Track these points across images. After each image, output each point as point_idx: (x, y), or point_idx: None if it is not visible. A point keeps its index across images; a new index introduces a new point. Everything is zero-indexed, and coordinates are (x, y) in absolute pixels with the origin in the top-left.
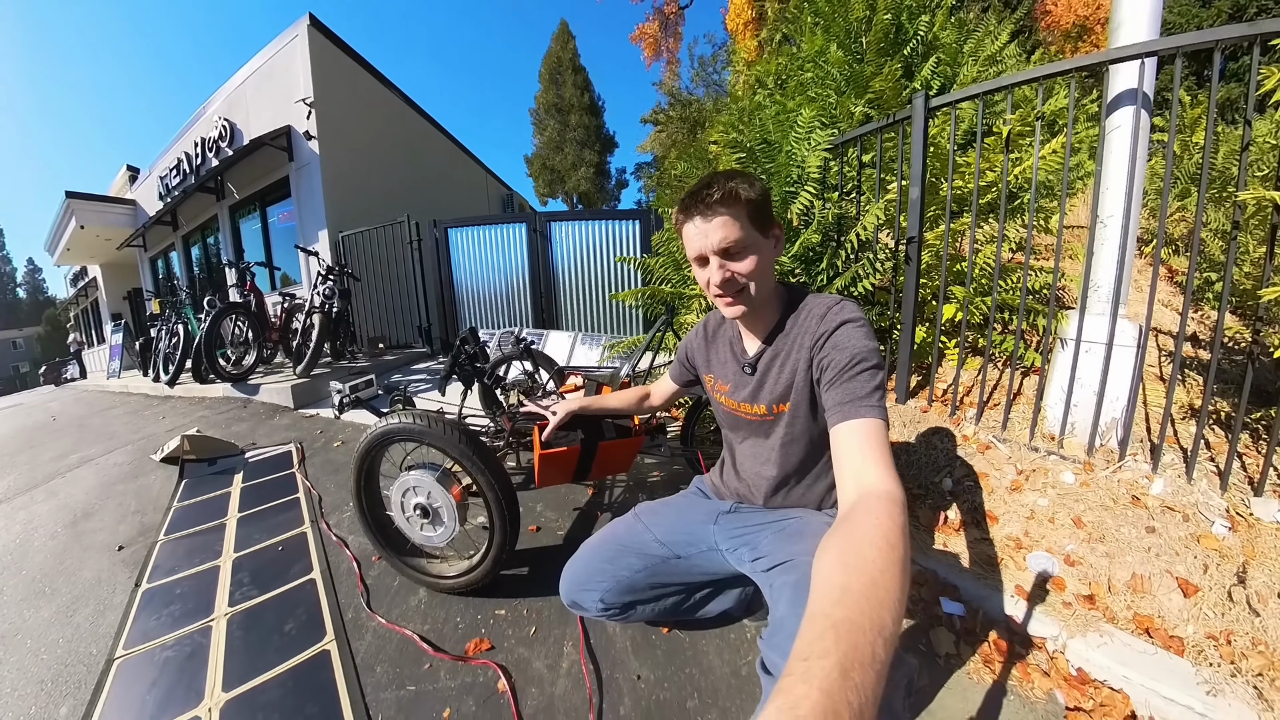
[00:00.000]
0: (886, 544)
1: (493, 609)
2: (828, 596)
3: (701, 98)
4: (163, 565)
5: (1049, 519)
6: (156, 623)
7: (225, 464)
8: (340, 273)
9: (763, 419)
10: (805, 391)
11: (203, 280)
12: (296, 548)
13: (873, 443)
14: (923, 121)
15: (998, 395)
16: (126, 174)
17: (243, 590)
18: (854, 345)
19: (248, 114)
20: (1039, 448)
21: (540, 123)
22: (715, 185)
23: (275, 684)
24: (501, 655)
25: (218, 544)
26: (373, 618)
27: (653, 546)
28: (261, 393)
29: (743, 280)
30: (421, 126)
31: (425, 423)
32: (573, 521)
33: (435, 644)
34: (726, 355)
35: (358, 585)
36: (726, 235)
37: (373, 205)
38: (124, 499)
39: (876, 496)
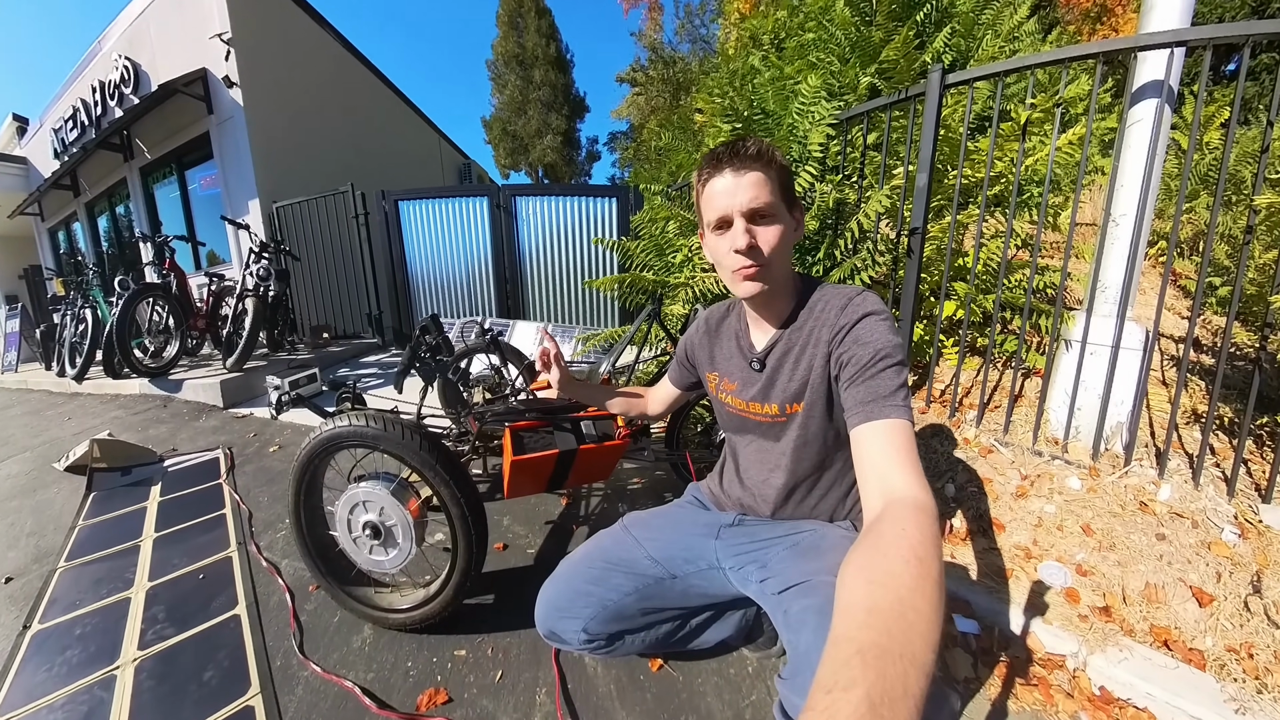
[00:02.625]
0: (916, 559)
1: (451, 649)
2: (852, 618)
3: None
4: (61, 599)
5: (1057, 526)
6: (47, 675)
7: (141, 474)
8: (276, 250)
9: (774, 420)
10: (822, 389)
11: (113, 257)
12: (220, 576)
13: (899, 445)
14: (937, 100)
15: (998, 397)
16: (13, 124)
17: (156, 629)
18: (877, 340)
19: (153, 53)
20: (1043, 452)
21: (499, 77)
22: (749, 140)
23: None
24: (461, 710)
25: (129, 571)
26: (306, 665)
27: (645, 564)
28: (185, 389)
29: (767, 252)
30: (365, 78)
31: (380, 425)
32: (545, 537)
33: (380, 698)
34: (732, 350)
35: (290, 622)
36: (758, 195)
37: (311, 171)
38: (17, 518)
39: (904, 505)
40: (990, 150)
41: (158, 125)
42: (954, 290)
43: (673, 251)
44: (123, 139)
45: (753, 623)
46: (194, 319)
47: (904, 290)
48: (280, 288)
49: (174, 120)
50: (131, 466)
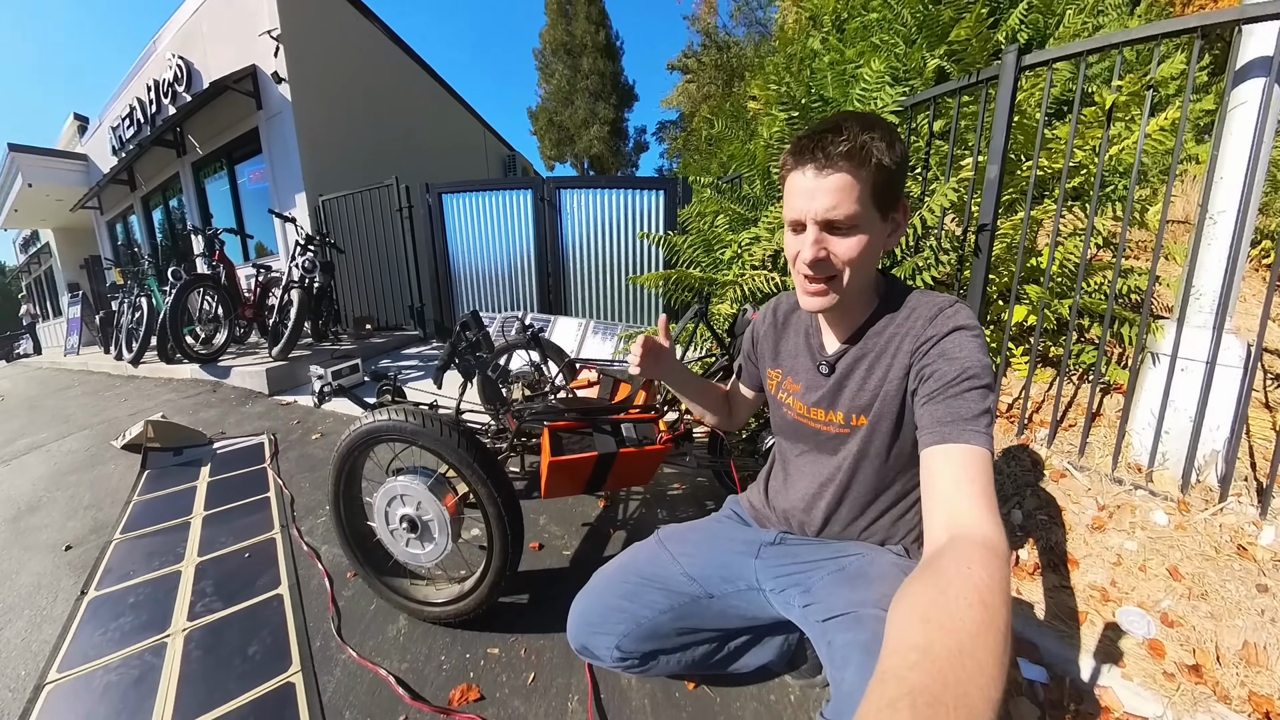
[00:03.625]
0: (981, 603)
1: (484, 647)
2: (902, 657)
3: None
4: (116, 569)
5: (1139, 567)
6: (102, 638)
7: (192, 454)
8: (322, 243)
9: (837, 431)
10: (894, 403)
11: (166, 248)
12: (265, 556)
13: (973, 475)
14: (1012, 83)
15: (1073, 414)
16: (75, 123)
17: (204, 602)
18: (966, 357)
19: (205, 51)
20: (1123, 480)
21: (546, 66)
22: (846, 131)
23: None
24: (492, 709)
25: (180, 545)
26: (344, 649)
27: (680, 582)
28: (233, 375)
29: (840, 266)
30: (411, 70)
31: (419, 421)
32: (581, 539)
33: (414, 689)
34: (799, 347)
35: (329, 606)
36: (838, 205)
37: (356, 164)
38: (77, 491)
39: (972, 542)
40: (1070, 138)
41: (209, 122)
42: (1025, 293)
43: (721, 247)
44: (176, 135)
45: (795, 648)
46: (242, 308)
47: (970, 292)
48: (325, 279)
49: (224, 116)
50: (183, 447)
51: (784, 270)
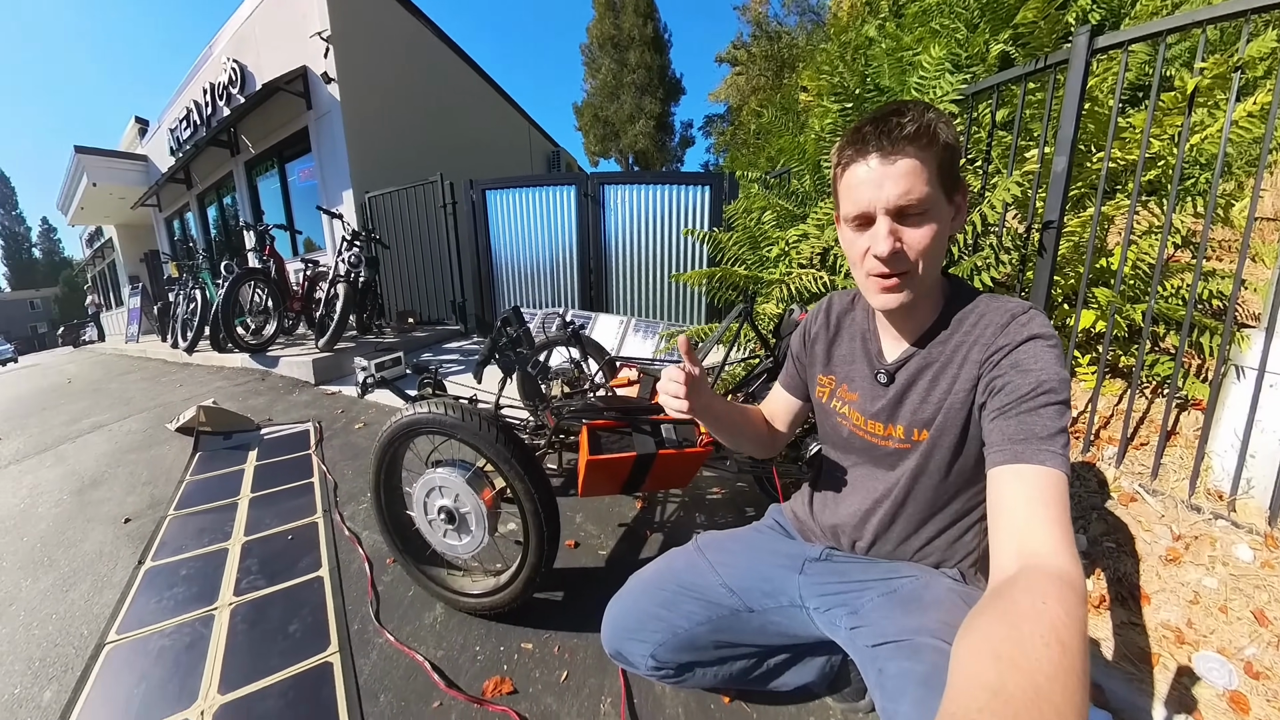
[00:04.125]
0: (1059, 642)
1: (518, 641)
2: (973, 698)
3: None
4: (170, 543)
5: (1220, 607)
6: (157, 606)
7: (240, 439)
8: (367, 239)
9: (897, 446)
10: (960, 416)
11: (220, 243)
12: (307, 538)
13: (1049, 500)
14: (1082, 68)
15: (1145, 432)
16: (136, 126)
17: (250, 579)
18: (1042, 369)
19: (258, 54)
20: (1201, 507)
21: (593, 61)
22: (909, 114)
23: (275, 692)
24: (525, 704)
25: (228, 524)
26: (381, 633)
27: (719, 593)
28: (281, 365)
29: (914, 257)
30: (456, 66)
31: (458, 415)
32: (617, 539)
33: (449, 677)
34: (856, 352)
35: (368, 590)
36: (911, 189)
37: (401, 161)
38: (135, 468)
39: (1047, 575)
40: (1147, 126)
41: (261, 122)
42: (1094, 297)
43: (768, 245)
44: (230, 136)
45: (839, 670)
46: (290, 301)
47: (1033, 295)
48: (370, 274)
49: (276, 116)
50: (232, 432)
51: (833, 269)
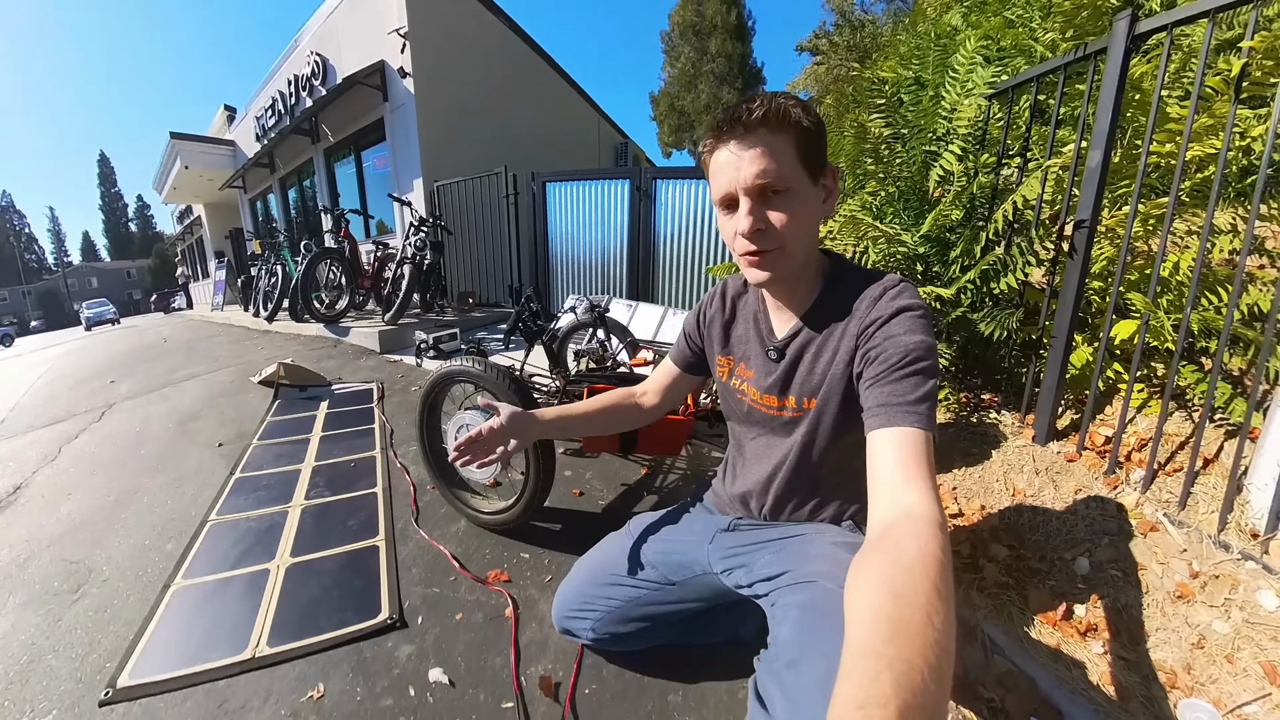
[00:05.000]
0: (939, 575)
1: (518, 551)
2: (877, 631)
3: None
4: (254, 462)
5: (1226, 656)
6: (244, 501)
7: (314, 392)
8: (434, 225)
9: (791, 416)
10: (841, 386)
11: (299, 224)
12: (366, 467)
13: (916, 458)
14: (1121, 56)
15: (1181, 458)
16: (225, 113)
17: (317, 490)
18: (910, 339)
19: (339, 48)
20: (1230, 544)
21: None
22: (759, 101)
23: (332, 560)
24: (515, 589)
25: (301, 453)
26: (418, 532)
27: (645, 572)
28: (351, 335)
29: (778, 234)
30: (528, 59)
31: (481, 368)
32: (617, 495)
33: (463, 564)
34: (749, 332)
35: (411, 505)
36: (767, 167)
37: (470, 153)
38: (225, 409)
39: (919, 519)
40: (1190, 117)
41: (340, 112)
42: (1132, 303)
43: None
44: (311, 125)
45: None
46: (361, 279)
47: (1061, 300)
48: (435, 257)
49: (354, 108)
50: (307, 386)
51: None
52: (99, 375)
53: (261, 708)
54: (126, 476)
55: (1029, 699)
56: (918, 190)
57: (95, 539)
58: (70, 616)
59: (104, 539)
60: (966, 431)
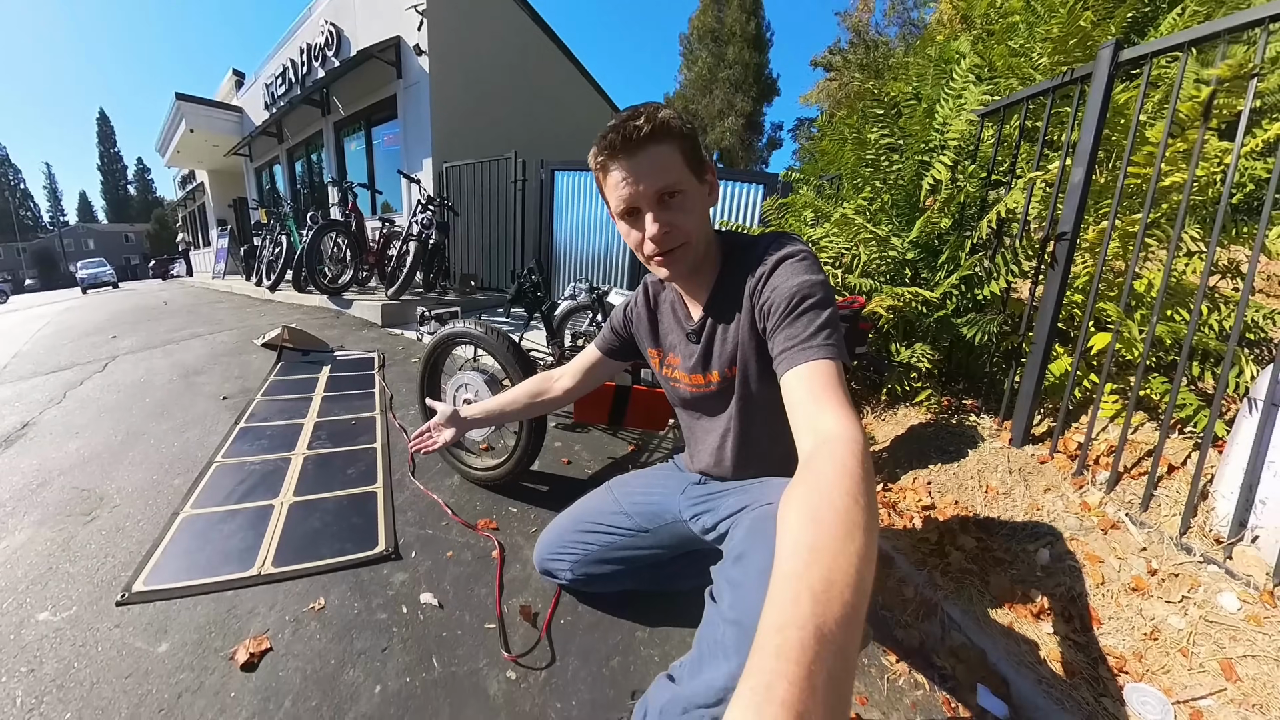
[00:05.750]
0: (854, 490)
1: (508, 505)
2: (798, 556)
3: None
4: (258, 414)
5: (1180, 649)
6: (249, 448)
7: (317, 356)
8: (440, 205)
9: (718, 389)
10: (752, 346)
11: (305, 196)
12: (366, 426)
13: (825, 385)
14: (1104, 82)
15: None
16: (233, 78)
17: (320, 441)
18: (791, 282)
19: (355, 20)
20: (1192, 547)
21: (690, 53)
22: (642, 116)
23: (333, 502)
24: (503, 536)
25: (304, 409)
26: (414, 483)
27: (620, 519)
28: (354, 308)
29: (684, 233)
30: (545, 46)
31: (482, 330)
32: (603, 466)
33: (455, 511)
34: (671, 323)
35: (408, 460)
36: (661, 175)
37: (482, 135)
38: (229, 366)
39: (836, 440)
40: (1162, 143)
41: (352, 86)
42: (1105, 315)
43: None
44: (322, 96)
45: None
46: (366, 254)
47: (1041, 310)
48: (440, 237)
49: (367, 82)
50: (310, 350)
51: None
52: (100, 331)
53: (268, 614)
54: (133, 420)
55: (978, 669)
56: (910, 198)
57: (105, 471)
58: (84, 534)
59: (113, 471)
60: (946, 432)
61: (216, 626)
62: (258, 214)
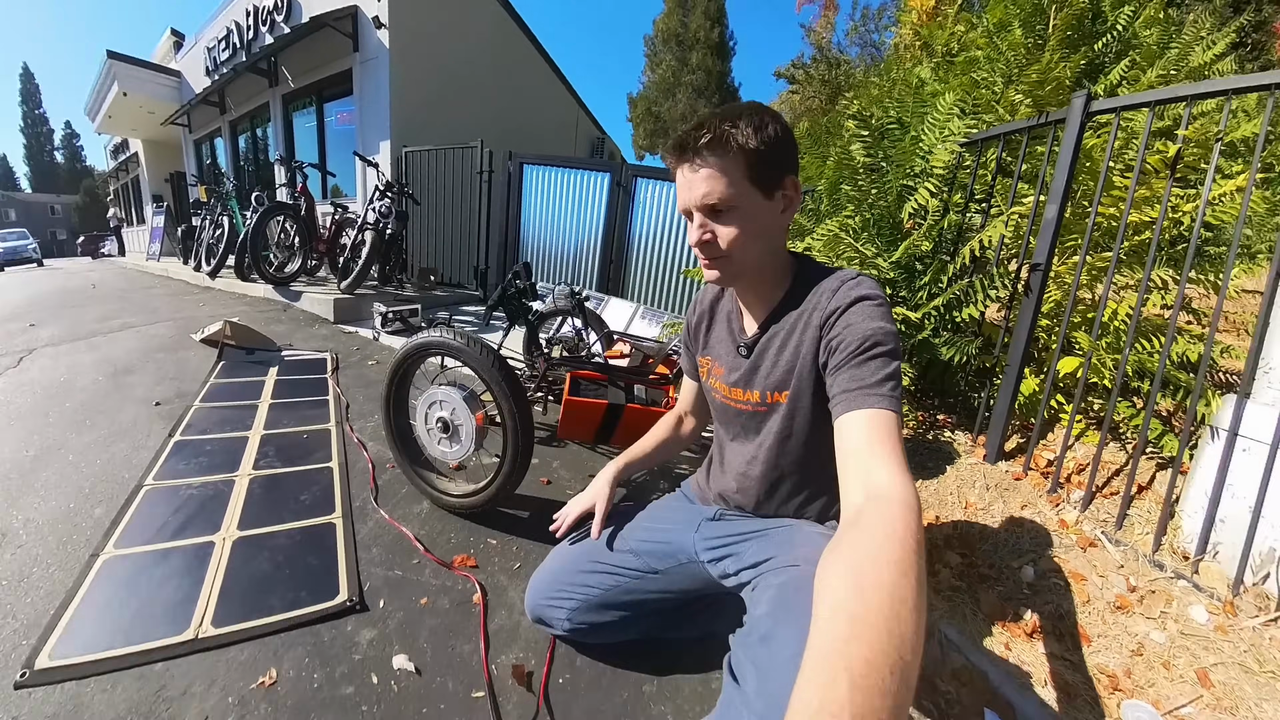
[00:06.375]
0: (905, 561)
1: (486, 536)
2: (837, 629)
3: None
4: (196, 425)
5: (1163, 662)
6: (185, 467)
7: (263, 356)
8: (400, 191)
9: (755, 409)
10: (810, 379)
11: (250, 173)
12: (320, 440)
13: (883, 437)
14: (1077, 127)
15: (1117, 483)
16: (171, 39)
17: (267, 460)
18: (867, 325)
19: None
20: (1164, 564)
21: (655, 55)
22: (706, 127)
23: (284, 535)
24: (483, 575)
25: (249, 419)
26: (378, 510)
27: (627, 559)
28: (303, 301)
29: (724, 247)
30: (515, 37)
31: (464, 341)
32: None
33: (427, 546)
34: (724, 333)
35: (370, 483)
36: (710, 191)
37: (443, 121)
38: (163, 365)
39: (889, 501)
40: (1132, 188)
41: (304, 56)
42: (1077, 342)
43: None
44: (270, 65)
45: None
46: (316, 242)
47: (1015, 333)
48: (398, 227)
49: (320, 53)
50: (255, 349)
51: None
52: (16, 317)
53: (206, 694)
54: (50, 430)
55: (982, 693)
56: (891, 219)
57: (9, 499)
58: None
59: (20, 499)
60: (923, 447)
61: (141, 716)
62: (197, 191)
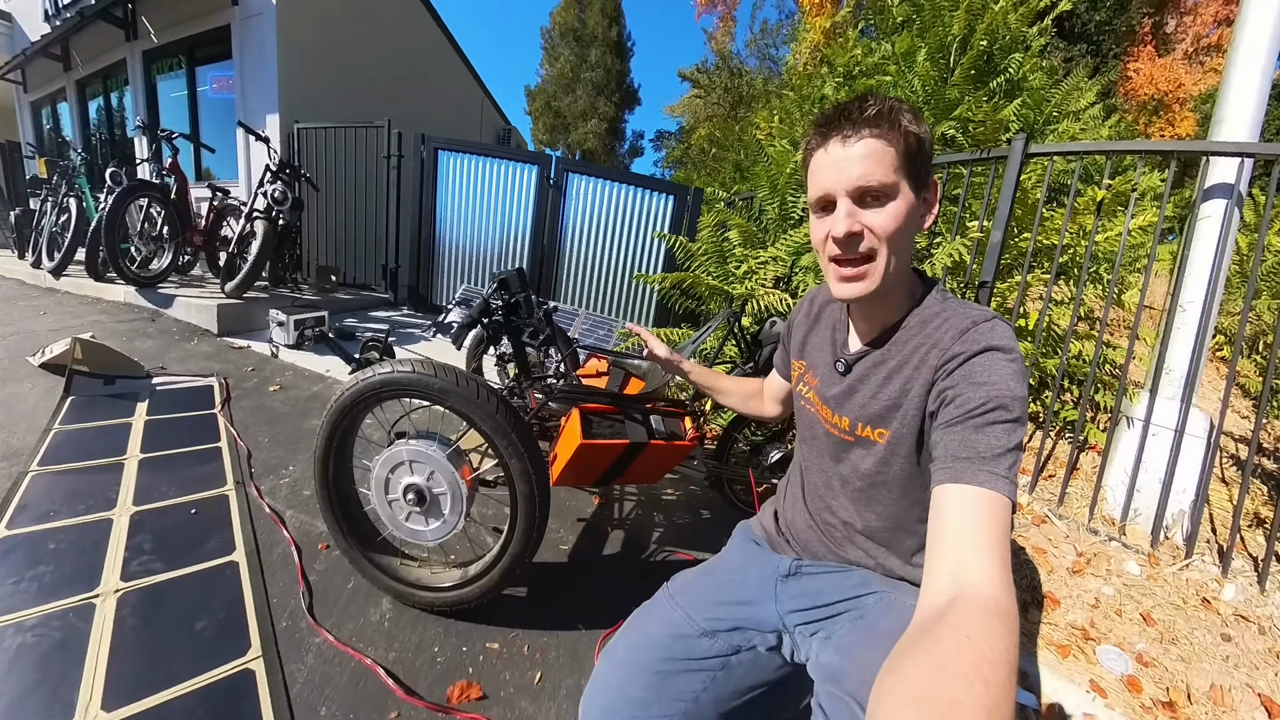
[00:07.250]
0: (982, 680)
1: (482, 640)
2: None
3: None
4: (32, 506)
5: (1115, 611)
6: (15, 588)
7: (126, 386)
8: (295, 175)
9: (841, 436)
10: (914, 424)
11: (103, 147)
12: (216, 514)
13: (990, 526)
14: (1018, 165)
15: (1053, 467)
16: None
17: (142, 560)
18: (996, 384)
19: None
20: (1099, 530)
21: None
22: (872, 99)
23: (178, 709)
24: (496, 709)
25: (111, 489)
26: (317, 631)
27: (705, 645)
28: (176, 306)
29: (874, 241)
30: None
31: (451, 379)
32: (578, 535)
33: (405, 683)
34: (825, 340)
35: (298, 580)
36: (870, 170)
37: (341, 96)
38: None
39: (977, 605)
40: (1065, 223)
41: (170, 6)
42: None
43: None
44: (126, 14)
45: None
46: (191, 232)
47: None
48: (293, 217)
49: (190, 4)
50: (115, 376)
51: (795, 292)
52: None
53: None
54: None
55: None
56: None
57: None
58: None
59: None
60: None
61: None
62: (35, 165)
